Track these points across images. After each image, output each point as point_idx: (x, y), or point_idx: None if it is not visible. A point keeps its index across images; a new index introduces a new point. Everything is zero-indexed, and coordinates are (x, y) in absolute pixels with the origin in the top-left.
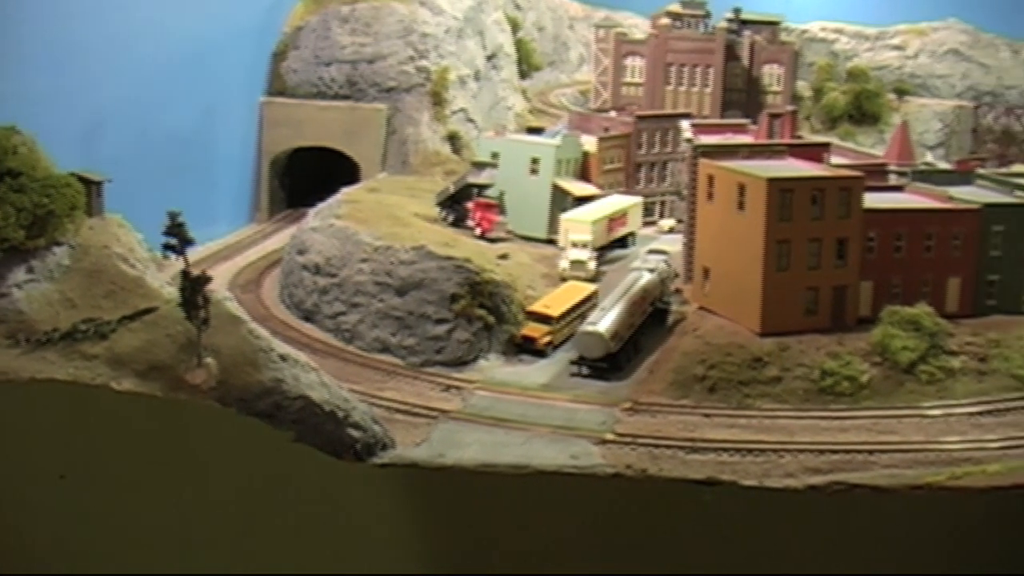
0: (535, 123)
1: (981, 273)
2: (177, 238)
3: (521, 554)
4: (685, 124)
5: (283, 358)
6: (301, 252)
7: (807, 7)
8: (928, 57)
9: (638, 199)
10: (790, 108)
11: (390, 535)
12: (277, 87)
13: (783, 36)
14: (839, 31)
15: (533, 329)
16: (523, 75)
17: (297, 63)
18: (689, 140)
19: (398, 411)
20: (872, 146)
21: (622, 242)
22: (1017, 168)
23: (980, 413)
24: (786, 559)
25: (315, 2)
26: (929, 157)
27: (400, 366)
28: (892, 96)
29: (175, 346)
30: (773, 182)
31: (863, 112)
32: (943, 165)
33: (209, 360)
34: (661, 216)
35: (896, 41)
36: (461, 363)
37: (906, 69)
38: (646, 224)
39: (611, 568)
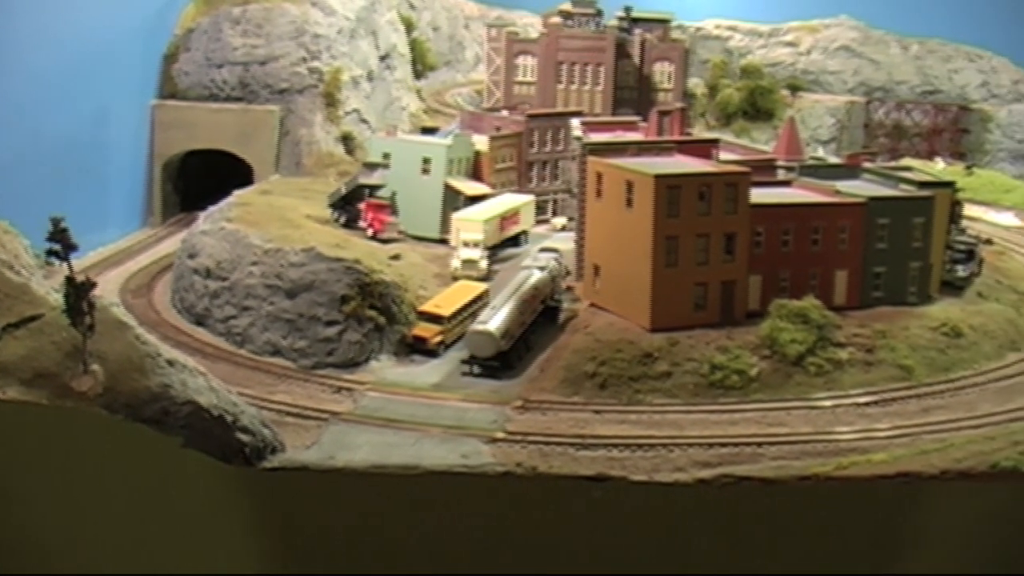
0: (430, 123)
1: (868, 265)
2: (61, 244)
3: (411, 554)
4: (575, 122)
5: (170, 363)
6: (192, 256)
7: (702, 5)
8: (820, 54)
9: (530, 198)
10: (679, 105)
11: (281, 538)
12: (168, 90)
13: (675, 34)
14: (733, 28)
15: (424, 329)
16: (418, 75)
17: (189, 65)
18: (579, 138)
19: (289, 414)
20: (766, 142)
21: (515, 240)
22: (906, 162)
23: (867, 404)
24: (675, 553)
25: (206, 3)
26: (821, 152)
27: (291, 369)
28: (786, 92)
29: (61, 353)
30: (660, 179)
31: (757, 108)
32: (833, 160)
33: (95, 367)
34: (554, 214)
35: (789, 38)
36: (352, 364)
37: (799, 65)
38: (539, 222)
39: (502, 567)
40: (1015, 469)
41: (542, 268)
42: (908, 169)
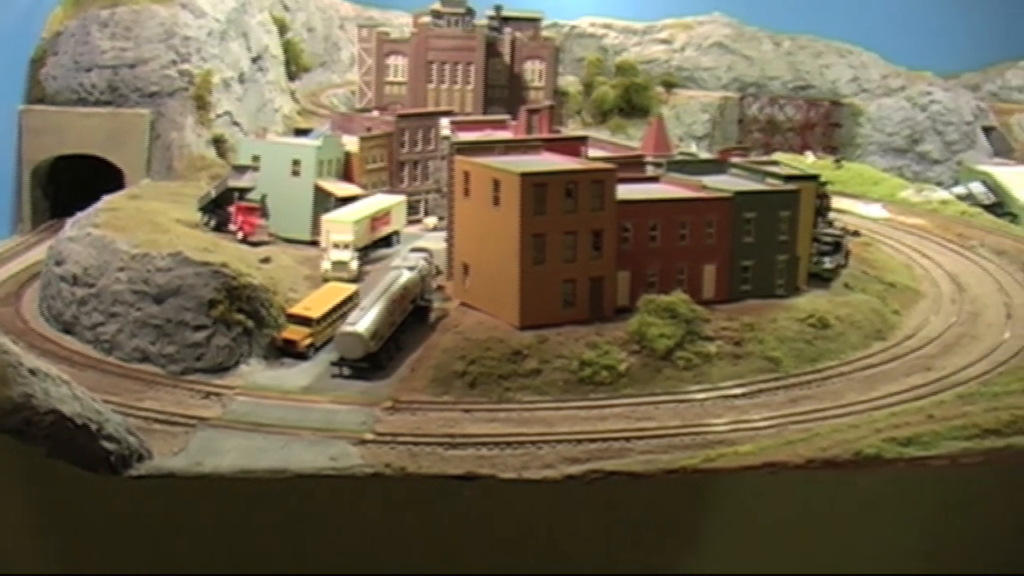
0: (304, 124)
1: (735, 259)
2: None
3: (279, 558)
4: (445, 122)
5: (33, 372)
6: (58, 263)
7: (577, 3)
8: (694, 50)
9: (401, 198)
10: (548, 103)
11: (149, 546)
12: (36, 94)
13: (550, 32)
14: (608, 26)
15: (294, 332)
16: (292, 76)
17: (57, 69)
18: (447, 137)
19: (156, 421)
20: (642, 139)
21: (387, 241)
22: (777, 156)
23: (735, 396)
24: (545, 549)
25: (74, 6)
26: (695, 148)
27: (160, 375)
28: (661, 89)
29: None
30: (526, 177)
31: (633, 105)
32: (704, 155)
33: None
34: (426, 214)
35: (663, 35)
36: (222, 369)
37: (674, 62)
38: (411, 222)
39: (370, 568)
40: (878, 456)
41: (411, 268)
42: (775, 164)
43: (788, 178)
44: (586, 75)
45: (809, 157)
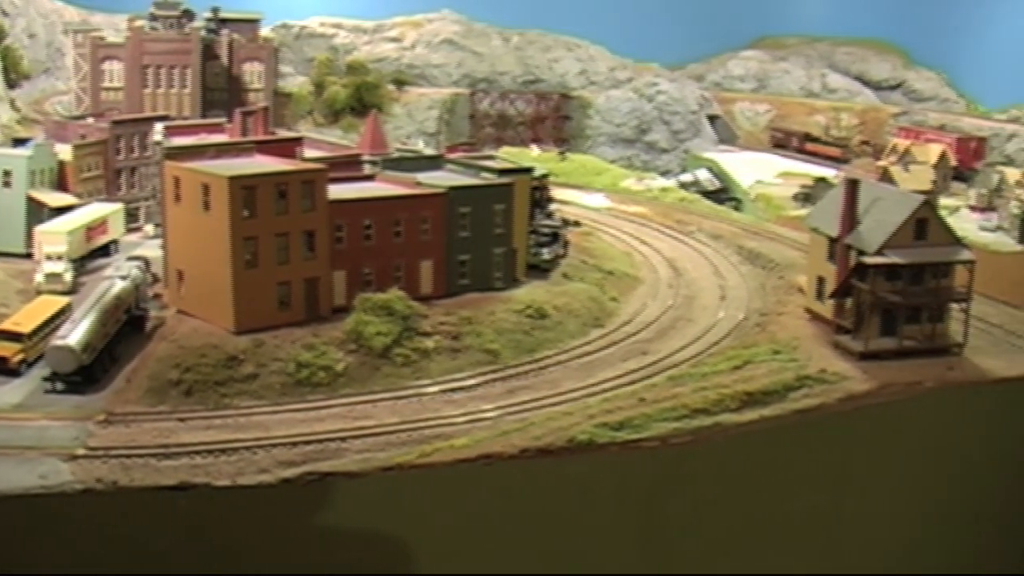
0: (24, 133)
1: (452, 254)
2: None
3: None
4: (158, 127)
5: None
6: None
7: (306, 3)
8: (425, 47)
9: (118, 206)
10: (262, 105)
11: None
12: None
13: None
14: (338, 26)
15: (4, 348)
16: (12, 84)
17: None
18: (158, 143)
19: None
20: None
21: (104, 250)
22: (505, 150)
23: (453, 390)
24: (261, 554)
25: None
26: (422, 144)
27: None
28: (392, 87)
29: None
30: (234, 180)
31: (364, 104)
32: (429, 151)
33: None
34: (146, 221)
35: (394, 33)
36: None
37: (404, 60)
38: (131, 230)
39: None
40: (591, 441)
41: (124, 277)
42: (491, 158)
43: (502, 172)
44: (317, 75)
45: (534, 150)
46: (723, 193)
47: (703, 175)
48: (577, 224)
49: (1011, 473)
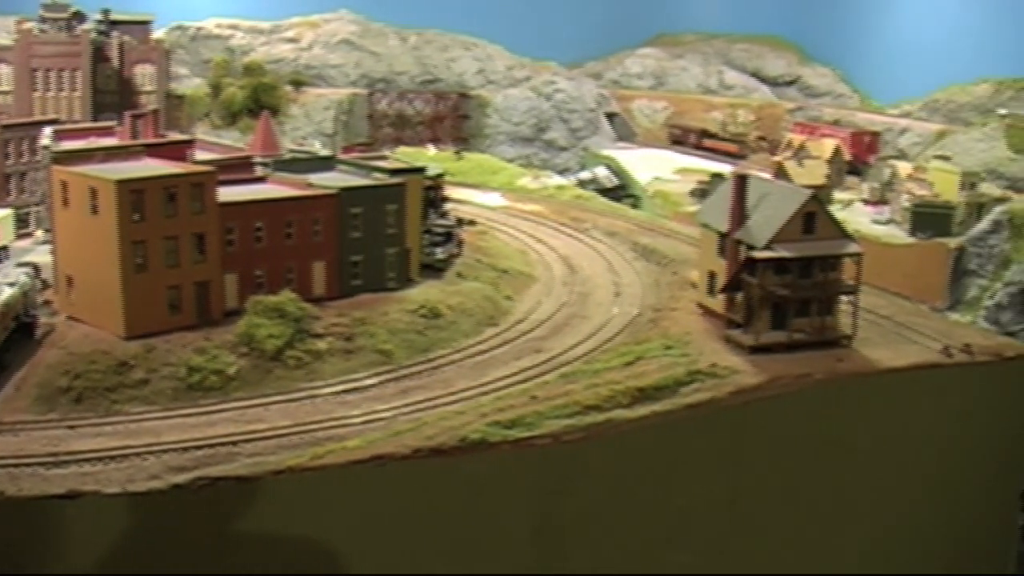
0: None
1: (344, 255)
2: None
3: None
4: (47, 130)
5: None
6: None
7: (203, 4)
8: (322, 48)
9: (8, 211)
10: (153, 108)
11: None
12: None
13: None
14: (235, 27)
15: None
16: None
17: None
18: (46, 147)
19: None
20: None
21: None
22: (401, 150)
23: (346, 391)
24: (153, 561)
25: None
26: (318, 145)
27: None
28: (289, 88)
29: None
30: (122, 184)
31: (262, 105)
32: (324, 152)
33: None
34: (37, 227)
35: (291, 34)
36: None
37: (302, 61)
38: (22, 236)
39: None
40: (483, 440)
41: (12, 284)
42: (384, 158)
43: (394, 172)
44: (213, 77)
45: (431, 150)
46: (621, 190)
47: (601, 172)
48: (472, 223)
49: (898, 460)
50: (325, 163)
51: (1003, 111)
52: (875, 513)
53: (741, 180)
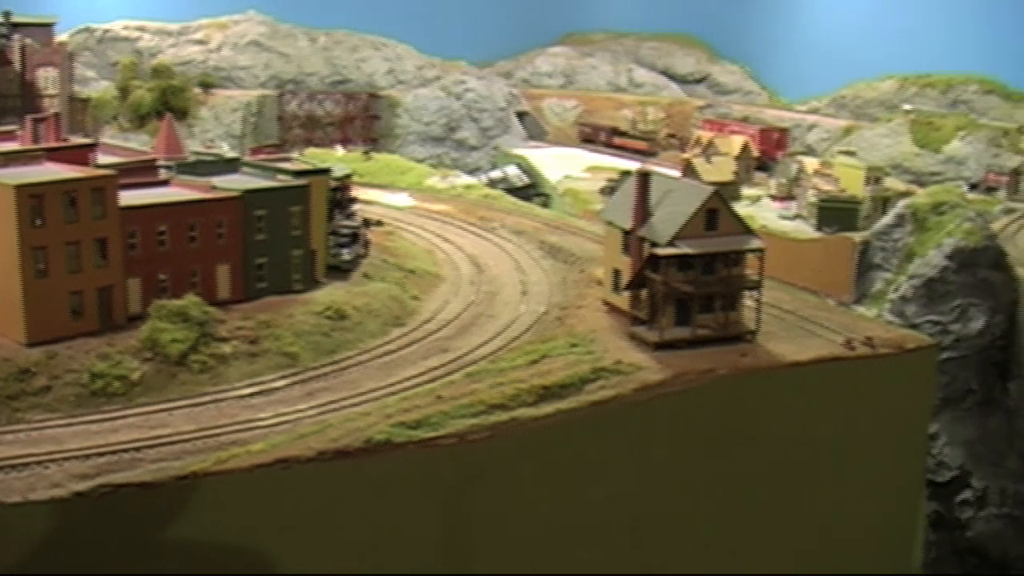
0: None
1: (249, 257)
2: None
3: None
4: None
5: None
6: None
7: (109, 5)
8: (231, 49)
9: None
10: (54, 111)
11: None
12: None
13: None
14: (142, 28)
15: None
16: None
17: None
18: None
19: None
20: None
21: None
22: (311, 151)
23: (251, 395)
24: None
25: None
26: (225, 147)
27: None
28: (198, 90)
29: None
30: (20, 188)
31: (171, 107)
32: (231, 154)
33: None
34: None
35: (199, 36)
36: None
37: (210, 62)
38: None
39: None
40: (388, 441)
41: None
42: (288, 159)
43: (298, 173)
44: (121, 79)
45: (339, 150)
46: (532, 189)
47: (512, 171)
48: (379, 224)
49: (803, 454)
50: (230, 165)
51: (908, 107)
52: (780, 507)
53: (644, 177)
